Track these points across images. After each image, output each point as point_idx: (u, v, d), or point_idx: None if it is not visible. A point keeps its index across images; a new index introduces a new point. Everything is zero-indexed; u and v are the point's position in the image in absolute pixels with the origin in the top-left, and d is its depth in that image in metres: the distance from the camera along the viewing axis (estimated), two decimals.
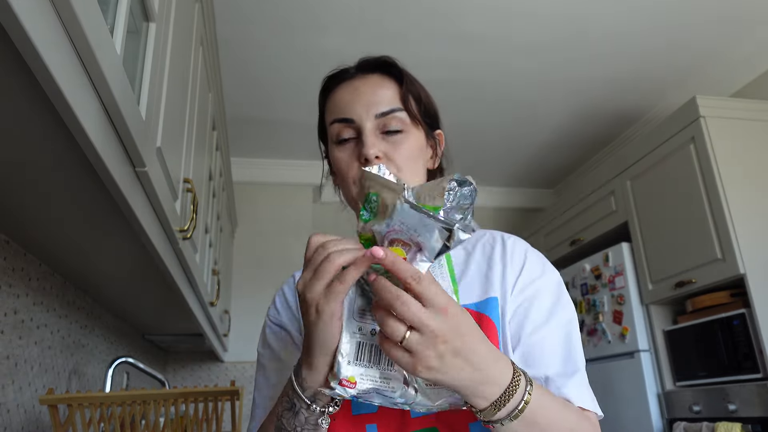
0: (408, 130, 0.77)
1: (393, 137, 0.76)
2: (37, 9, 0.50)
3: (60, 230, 1.11)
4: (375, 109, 0.76)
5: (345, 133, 0.77)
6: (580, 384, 0.70)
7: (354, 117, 0.76)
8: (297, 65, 2.64)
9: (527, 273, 0.76)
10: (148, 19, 0.95)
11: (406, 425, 0.69)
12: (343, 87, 0.80)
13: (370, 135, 0.75)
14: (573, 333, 0.74)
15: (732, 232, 2.19)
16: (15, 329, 1.21)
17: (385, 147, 0.75)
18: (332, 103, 0.81)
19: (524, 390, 0.56)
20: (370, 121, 0.75)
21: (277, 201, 3.63)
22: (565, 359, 0.71)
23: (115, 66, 0.69)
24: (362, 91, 0.77)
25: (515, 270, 0.76)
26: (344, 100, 0.78)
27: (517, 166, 3.86)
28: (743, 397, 2.07)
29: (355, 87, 0.78)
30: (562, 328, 0.73)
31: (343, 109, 0.78)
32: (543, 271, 0.77)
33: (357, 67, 0.82)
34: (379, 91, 0.77)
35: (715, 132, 2.34)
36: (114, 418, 1.21)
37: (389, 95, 0.77)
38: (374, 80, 0.79)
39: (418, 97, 0.80)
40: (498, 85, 2.86)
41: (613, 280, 2.77)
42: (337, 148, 0.78)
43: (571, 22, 2.40)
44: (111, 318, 1.97)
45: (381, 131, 0.76)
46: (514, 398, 0.55)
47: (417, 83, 0.81)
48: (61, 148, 0.74)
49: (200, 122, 1.64)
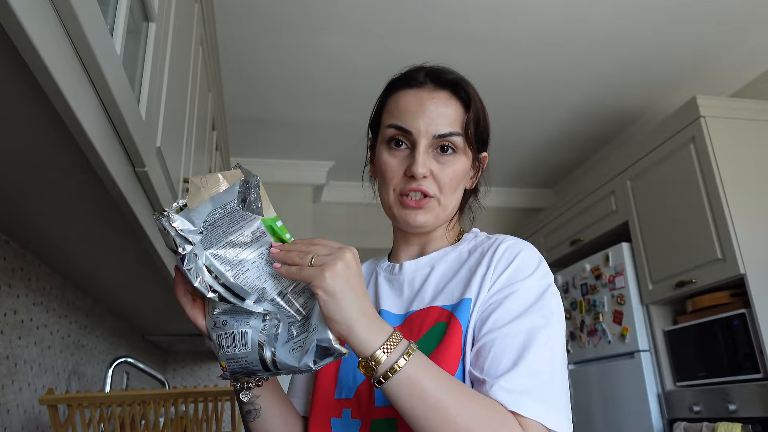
0: (459, 153, 0.80)
1: (443, 158, 0.79)
2: (37, 9, 0.50)
3: (60, 230, 1.11)
4: (435, 129, 0.78)
5: (400, 139, 0.79)
6: (522, 390, 0.63)
7: (413, 130, 0.78)
8: (297, 65, 2.64)
9: (510, 273, 0.73)
10: (147, 19, 0.95)
11: (371, 412, 0.73)
12: (410, 93, 0.81)
13: (423, 153, 0.77)
14: (537, 342, 0.67)
15: (732, 232, 2.19)
16: (15, 329, 1.21)
17: (434, 167, 0.78)
18: (394, 105, 0.82)
19: (401, 352, 0.60)
20: (427, 139, 0.78)
21: (277, 201, 3.60)
22: (513, 363, 0.65)
23: (115, 66, 0.69)
24: (428, 107, 0.79)
25: (498, 270, 0.74)
26: (408, 109, 0.79)
27: (517, 166, 3.86)
28: (743, 397, 2.07)
29: (422, 100, 0.79)
30: (524, 333, 0.68)
31: (405, 117, 0.79)
32: (531, 274, 0.74)
33: (429, 75, 0.82)
34: (444, 110, 0.79)
35: (715, 132, 2.34)
36: (114, 418, 1.21)
37: (452, 117, 0.79)
38: (442, 98, 0.80)
39: (477, 122, 0.82)
40: (498, 85, 2.86)
41: (613, 280, 2.77)
42: (387, 152, 0.81)
43: (571, 21, 2.40)
44: (111, 318, 1.97)
45: (433, 149, 0.78)
46: (389, 357, 0.59)
47: (480, 106, 0.83)
48: (60, 148, 0.74)
49: (200, 122, 1.64)
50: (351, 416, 0.75)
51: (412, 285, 0.82)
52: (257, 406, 0.75)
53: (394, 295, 0.83)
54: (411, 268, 0.83)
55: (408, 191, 0.78)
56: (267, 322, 0.63)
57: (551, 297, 0.73)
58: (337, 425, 0.75)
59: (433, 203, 0.79)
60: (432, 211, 0.79)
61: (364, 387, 0.76)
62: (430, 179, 0.78)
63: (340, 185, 3.83)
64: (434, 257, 0.83)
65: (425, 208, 0.79)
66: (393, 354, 0.60)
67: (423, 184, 0.77)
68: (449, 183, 0.79)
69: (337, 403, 0.77)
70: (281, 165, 3.64)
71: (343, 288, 0.59)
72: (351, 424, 0.74)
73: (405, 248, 0.87)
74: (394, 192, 0.80)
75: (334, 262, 0.60)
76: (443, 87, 0.80)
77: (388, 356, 0.59)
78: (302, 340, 0.61)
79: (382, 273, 0.87)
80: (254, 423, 0.77)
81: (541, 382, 0.65)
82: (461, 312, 0.73)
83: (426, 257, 0.84)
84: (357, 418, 0.74)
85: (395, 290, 0.83)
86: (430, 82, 0.81)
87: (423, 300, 0.79)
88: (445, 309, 0.75)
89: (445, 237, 0.86)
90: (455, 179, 0.79)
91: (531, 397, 0.63)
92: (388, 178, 0.80)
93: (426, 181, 0.78)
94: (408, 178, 0.78)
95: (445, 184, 0.78)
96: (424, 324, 0.75)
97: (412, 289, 0.81)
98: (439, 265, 0.82)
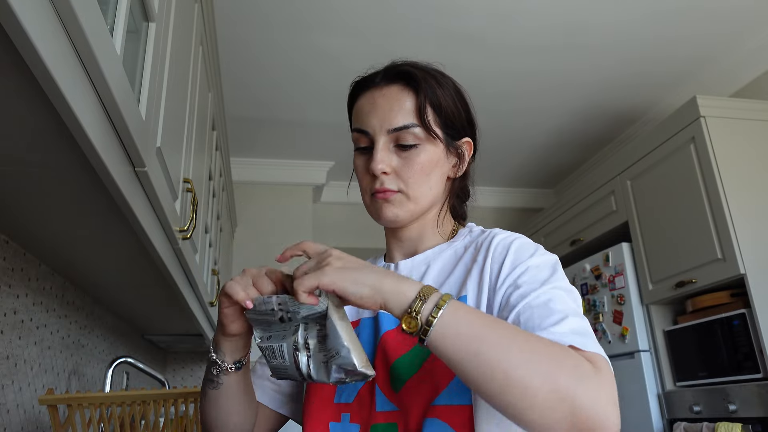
0: (422, 144, 0.78)
1: (406, 152, 0.78)
2: (37, 9, 0.50)
3: (60, 230, 1.11)
4: (389, 124, 0.77)
5: (362, 142, 0.81)
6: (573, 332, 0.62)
7: (369, 130, 0.79)
8: (297, 65, 2.64)
9: (512, 259, 0.73)
10: (147, 19, 0.95)
11: (372, 417, 0.73)
12: (365, 96, 0.82)
13: (381, 150, 0.78)
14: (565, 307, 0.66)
15: (732, 232, 2.19)
16: (15, 329, 1.21)
17: (396, 162, 0.78)
18: (355, 111, 0.83)
19: (435, 300, 0.58)
20: (384, 135, 0.78)
21: (277, 201, 3.63)
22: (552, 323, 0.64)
23: (115, 66, 0.69)
24: (379, 104, 0.79)
25: (496, 263, 0.74)
26: (364, 110, 0.80)
27: (517, 166, 3.86)
28: (743, 398, 2.07)
29: (374, 98, 0.80)
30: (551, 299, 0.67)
31: (362, 119, 0.80)
32: (533, 253, 0.74)
33: (382, 74, 0.82)
34: (395, 104, 0.78)
35: (715, 132, 2.34)
36: (114, 418, 1.21)
37: (406, 108, 0.78)
38: (393, 92, 0.79)
39: (438, 107, 0.79)
40: (498, 85, 2.86)
41: (613, 280, 2.77)
42: (355, 155, 0.82)
43: (571, 22, 2.40)
44: (111, 318, 1.97)
45: (394, 144, 0.78)
46: (425, 306, 0.58)
47: (443, 91, 0.80)
48: (60, 148, 0.74)
49: (200, 122, 1.63)
50: (350, 420, 0.75)
51: None
52: (221, 381, 0.74)
53: None
54: (407, 267, 0.83)
55: (374, 191, 0.79)
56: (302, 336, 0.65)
57: (559, 267, 0.74)
58: (336, 429, 0.75)
59: (401, 197, 0.79)
60: (402, 205, 0.79)
61: (365, 391, 0.76)
62: (393, 176, 0.78)
63: (340, 185, 3.83)
64: (429, 255, 0.83)
65: (393, 203, 0.79)
66: (429, 302, 0.58)
67: (385, 183, 0.78)
68: (414, 176, 0.78)
69: (336, 407, 0.76)
70: (281, 165, 3.64)
71: (349, 265, 0.61)
72: (349, 429, 0.74)
73: (398, 247, 0.87)
74: (366, 194, 0.82)
75: (325, 257, 0.62)
76: (394, 81, 0.80)
77: (426, 304, 0.58)
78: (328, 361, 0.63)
79: None
80: (214, 391, 0.76)
81: (586, 333, 0.64)
82: None
83: (421, 255, 0.83)
84: (356, 422, 0.74)
85: None
86: (382, 80, 0.81)
87: None
88: None
89: (438, 233, 0.85)
90: (421, 171, 0.78)
91: (583, 337, 0.62)
92: (360, 180, 0.83)
93: (387, 177, 0.78)
94: (373, 178, 0.79)
95: (410, 177, 0.78)
96: None
97: None
98: (435, 263, 0.81)
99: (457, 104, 0.82)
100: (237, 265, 3.42)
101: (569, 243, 3.31)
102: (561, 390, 0.54)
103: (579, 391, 0.54)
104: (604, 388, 0.56)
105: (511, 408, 0.55)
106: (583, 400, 0.54)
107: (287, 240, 3.53)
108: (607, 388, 0.57)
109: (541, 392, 0.54)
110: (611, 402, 0.56)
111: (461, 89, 0.85)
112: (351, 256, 0.63)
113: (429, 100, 0.78)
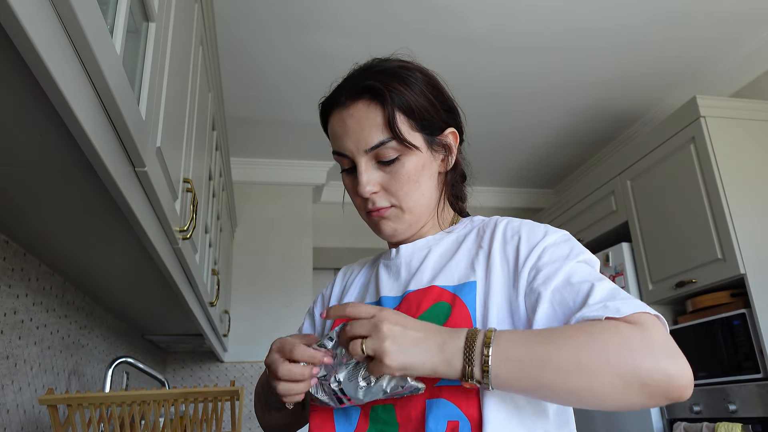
0: (404, 153, 0.77)
1: (389, 166, 0.77)
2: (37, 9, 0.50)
3: (60, 230, 1.11)
4: (364, 144, 0.76)
5: (345, 164, 0.80)
6: (606, 299, 0.63)
7: (347, 153, 0.78)
8: (297, 65, 2.64)
9: (526, 244, 0.74)
10: (147, 19, 0.95)
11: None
12: (335, 117, 0.80)
13: (365, 171, 0.77)
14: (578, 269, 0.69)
15: (732, 232, 2.19)
16: (14, 329, 1.21)
17: (382, 178, 0.78)
18: (330, 132, 0.82)
19: (482, 338, 0.61)
20: (362, 156, 0.77)
21: (277, 201, 3.63)
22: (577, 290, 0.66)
23: (114, 66, 0.69)
24: (349, 125, 0.77)
25: (511, 248, 0.75)
26: (337, 133, 0.79)
27: (517, 166, 3.86)
28: (743, 398, 2.07)
29: (344, 119, 0.78)
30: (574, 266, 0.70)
31: (337, 142, 0.79)
32: (545, 233, 0.75)
33: (346, 91, 0.78)
34: (365, 123, 0.75)
35: (715, 132, 2.34)
36: (114, 419, 1.21)
37: (377, 124, 0.75)
38: (360, 110, 0.76)
39: (410, 110, 0.76)
40: (498, 85, 2.86)
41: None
42: (343, 175, 0.82)
43: (571, 21, 2.40)
44: (111, 318, 1.97)
45: (376, 161, 0.77)
46: (475, 370, 0.60)
47: (410, 91, 0.76)
48: (60, 148, 0.74)
49: (200, 122, 1.63)
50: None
51: (410, 267, 0.82)
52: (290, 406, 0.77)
53: (391, 279, 0.83)
54: (408, 251, 0.84)
55: (368, 211, 0.80)
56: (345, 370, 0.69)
57: (573, 240, 0.75)
58: (338, 411, 0.76)
59: (395, 211, 0.79)
60: (398, 219, 0.80)
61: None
62: (381, 193, 0.78)
63: (340, 185, 3.79)
64: (431, 240, 0.84)
65: (389, 218, 0.79)
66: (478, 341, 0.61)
67: (377, 202, 0.78)
68: (402, 188, 0.77)
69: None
70: (281, 165, 3.64)
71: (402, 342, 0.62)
72: (350, 410, 0.75)
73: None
74: (362, 211, 0.82)
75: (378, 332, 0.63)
76: (360, 96, 0.76)
77: (474, 367, 0.61)
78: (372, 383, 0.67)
79: (382, 261, 0.88)
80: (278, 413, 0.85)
81: (604, 285, 0.66)
82: (466, 294, 0.72)
83: (423, 240, 0.84)
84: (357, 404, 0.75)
85: (392, 274, 0.84)
86: (347, 98, 0.77)
87: (421, 280, 0.79)
88: (446, 289, 0.75)
89: (438, 224, 0.86)
90: (408, 182, 0.77)
91: (614, 300, 0.63)
92: (352, 200, 0.83)
93: (377, 196, 0.78)
94: (364, 198, 0.78)
95: (398, 190, 0.77)
96: (422, 302, 0.75)
97: (410, 271, 0.82)
98: (437, 248, 0.82)
99: (430, 98, 0.78)
100: (237, 265, 3.42)
101: None
102: (622, 374, 0.57)
103: (637, 366, 0.57)
104: (655, 347, 0.59)
105: (587, 407, 0.61)
106: (644, 372, 0.57)
107: (287, 240, 3.54)
108: (658, 345, 0.59)
109: (606, 386, 0.58)
110: (669, 354, 0.59)
111: (432, 77, 0.81)
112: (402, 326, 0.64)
113: (398, 108, 0.75)
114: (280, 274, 3.45)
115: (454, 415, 0.66)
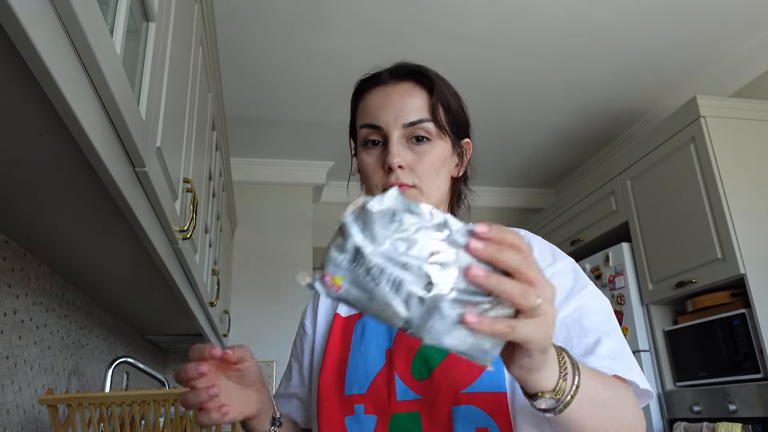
0: (434, 140, 0.79)
1: (419, 147, 0.78)
2: (37, 9, 0.50)
3: (60, 230, 1.11)
4: (403, 119, 0.77)
5: (373, 137, 0.79)
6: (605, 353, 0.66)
7: (382, 125, 0.78)
8: (297, 65, 2.64)
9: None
10: (147, 19, 0.95)
11: (391, 406, 0.71)
12: (375, 92, 0.81)
13: (396, 144, 0.77)
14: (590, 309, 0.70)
15: (732, 232, 2.19)
16: (14, 329, 1.21)
17: (410, 157, 0.77)
18: (363, 107, 0.82)
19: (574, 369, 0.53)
20: (398, 130, 0.77)
21: (277, 201, 3.63)
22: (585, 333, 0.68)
23: (114, 66, 0.69)
24: (393, 98, 0.79)
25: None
26: (375, 105, 0.80)
27: (517, 166, 3.86)
28: (743, 398, 2.07)
29: (387, 93, 0.80)
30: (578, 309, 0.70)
31: (373, 114, 0.80)
32: (553, 259, 0.76)
33: (390, 71, 0.82)
34: (409, 99, 0.79)
35: (715, 132, 2.34)
36: (114, 418, 1.21)
37: (419, 104, 0.78)
38: (405, 88, 0.80)
39: (447, 106, 0.80)
40: (498, 85, 2.86)
41: (614, 280, 2.77)
42: (364, 152, 0.81)
43: (571, 21, 2.40)
44: (111, 318, 1.97)
45: (407, 139, 0.78)
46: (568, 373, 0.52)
47: (449, 92, 0.82)
48: (60, 148, 0.74)
49: (200, 122, 1.63)
50: (364, 412, 0.73)
51: None
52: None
53: None
54: None
55: (388, 186, 0.74)
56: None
57: (580, 272, 0.76)
58: (351, 422, 0.73)
59: (416, 193, 0.78)
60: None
61: (380, 380, 0.73)
62: (408, 170, 0.77)
63: (340, 185, 3.83)
64: None
65: (409, 197, 0.78)
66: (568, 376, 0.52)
67: (401, 177, 0.76)
68: (427, 171, 0.77)
69: (348, 399, 0.74)
70: (281, 165, 3.64)
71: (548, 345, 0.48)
72: (364, 420, 0.72)
73: None
74: (377, 189, 0.77)
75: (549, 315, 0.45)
76: (405, 78, 0.81)
77: (566, 381, 0.51)
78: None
79: None
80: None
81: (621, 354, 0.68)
82: None
83: None
84: (372, 413, 0.72)
85: None
86: (392, 77, 0.81)
87: None
88: None
89: None
90: (434, 167, 0.78)
91: (622, 360, 0.67)
92: (370, 176, 0.80)
93: (403, 172, 0.76)
94: (387, 172, 0.77)
95: (423, 172, 0.77)
96: None
97: None
98: None
99: (459, 105, 0.84)
100: (237, 265, 3.42)
101: (569, 243, 3.30)
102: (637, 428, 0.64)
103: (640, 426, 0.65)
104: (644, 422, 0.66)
105: None
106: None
107: (287, 240, 3.54)
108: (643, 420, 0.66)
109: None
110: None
111: (458, 93, 0.86)
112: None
113: (440, 98, 0.79)
114: (280, 274, 3.44)
115: (483, 422, 0.66)
